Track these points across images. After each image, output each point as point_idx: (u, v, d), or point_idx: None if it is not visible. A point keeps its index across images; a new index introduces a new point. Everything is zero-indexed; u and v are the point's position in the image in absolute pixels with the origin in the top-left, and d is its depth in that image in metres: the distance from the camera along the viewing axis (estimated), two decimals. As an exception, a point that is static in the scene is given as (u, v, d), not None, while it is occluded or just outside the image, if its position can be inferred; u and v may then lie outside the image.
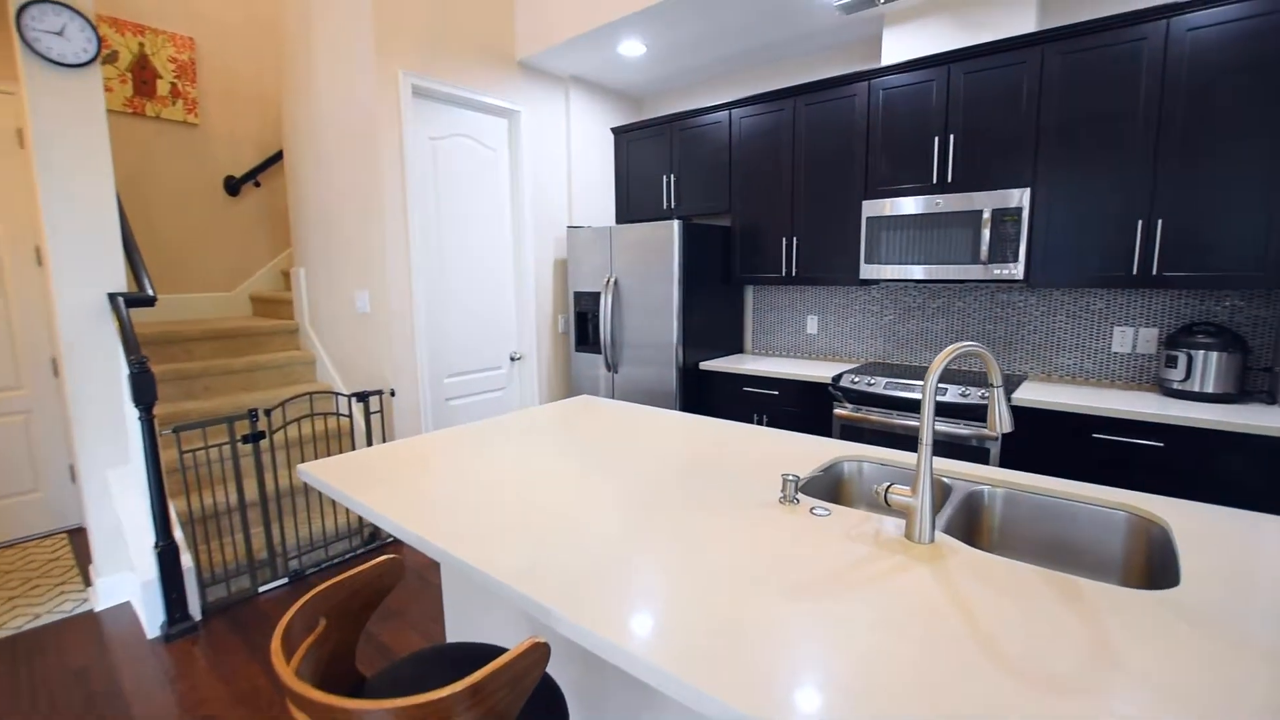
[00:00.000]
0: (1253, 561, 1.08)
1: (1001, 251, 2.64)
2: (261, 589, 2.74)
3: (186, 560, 2.50)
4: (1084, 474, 2.38)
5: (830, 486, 1.67)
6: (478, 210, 3.54)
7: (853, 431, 2.90)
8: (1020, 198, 2.58)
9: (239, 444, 2.90)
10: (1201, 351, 2.34)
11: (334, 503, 3.15)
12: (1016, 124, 2.63)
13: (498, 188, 3.64)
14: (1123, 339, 2.72)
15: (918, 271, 2.87)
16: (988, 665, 0.81)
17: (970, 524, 1.47)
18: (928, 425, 1.15)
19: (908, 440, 2.74)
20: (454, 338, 3.48)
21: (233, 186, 4.29)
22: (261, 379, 3.44)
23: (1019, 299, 2.96)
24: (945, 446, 2.64)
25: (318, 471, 1.61)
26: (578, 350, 3.88)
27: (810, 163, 3.25)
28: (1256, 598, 0.96)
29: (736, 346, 3.93)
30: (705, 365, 3.50)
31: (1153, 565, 1.27)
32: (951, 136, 2.79)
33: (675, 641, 0.86)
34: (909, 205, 2.87)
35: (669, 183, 3.85)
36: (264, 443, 3.03)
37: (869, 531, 1.22)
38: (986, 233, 2.66)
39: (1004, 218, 2.62)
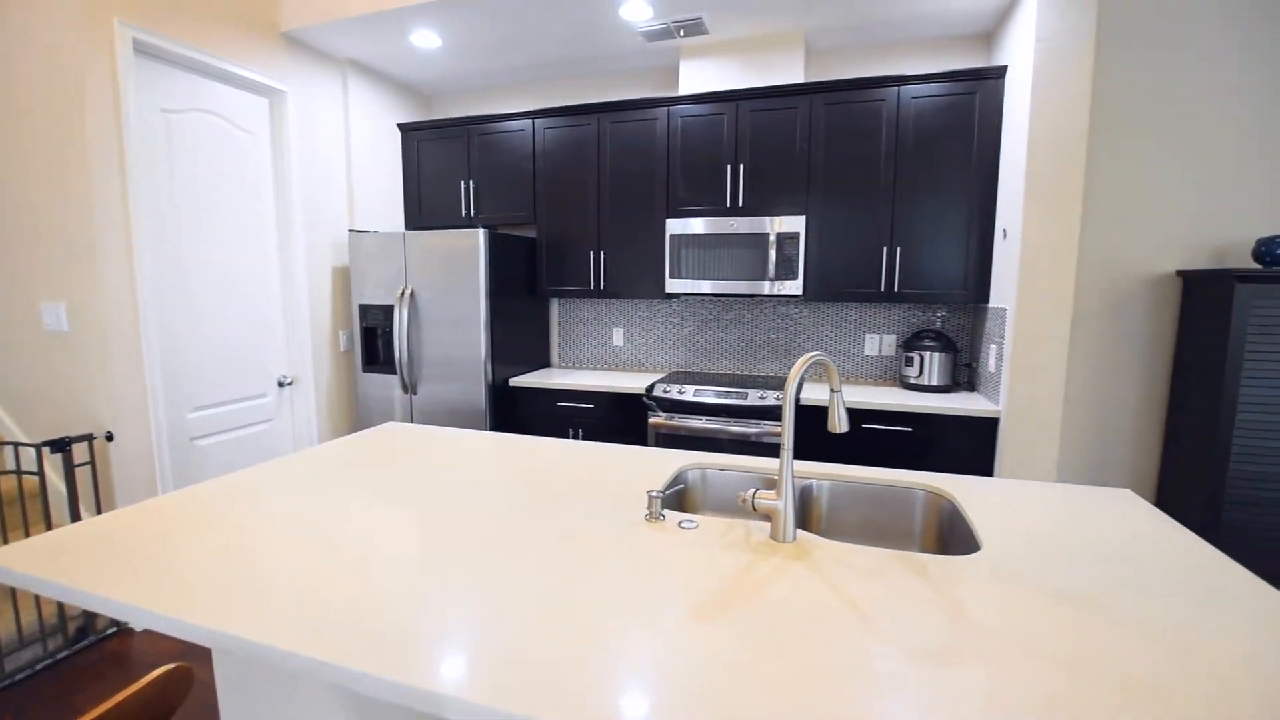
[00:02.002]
0: (1027, 520, 1.34)
1: (784, 270, 3.00)
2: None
3: None
4: (859, 458, 2.80)
5: (679, 496, 1.69)
6: (230, 204, 2.92)
7: (668, 439, 3.03)
8: (798, 224, 2.96)
9: None
10: (928, 353, 2.92)
11: (12, 595, 2.29)
12: (793, 159, 3.01)
13: (258, 179, 3.05)
14: (873, 344, 3.28)
15: (716, 286, 3.11)
16: (883, 645, 0.86)
17: (805, 515, 1.61)
18: (789, 431, 1.22)
19: (717, 443, 2.94)
20: (201, 362, 2.81)
21: None
22: None
23: (796, 311, 3.40)
24: (740, 445, 2.89)
25: (10, 561, 1.13)
26: (366, 370, 3.43)
27: (616, 179, 3.33)
28: (1041, 549, 1.20)
29: (544, 361, 3.85)
30: (516, 381, 3.36)
31: (943, 533, 1.51)
32: (741, 165, 3.09)
33: (602, 698, 0.76)
34: (706, 225, 3.10)
35: (468, 189, 3.63)
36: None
37: (739, 538, 1.25)
38: (772, 253, 3.00)
39: (786, 240, 2.98)
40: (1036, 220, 2.47)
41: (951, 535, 1.46)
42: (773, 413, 2.85)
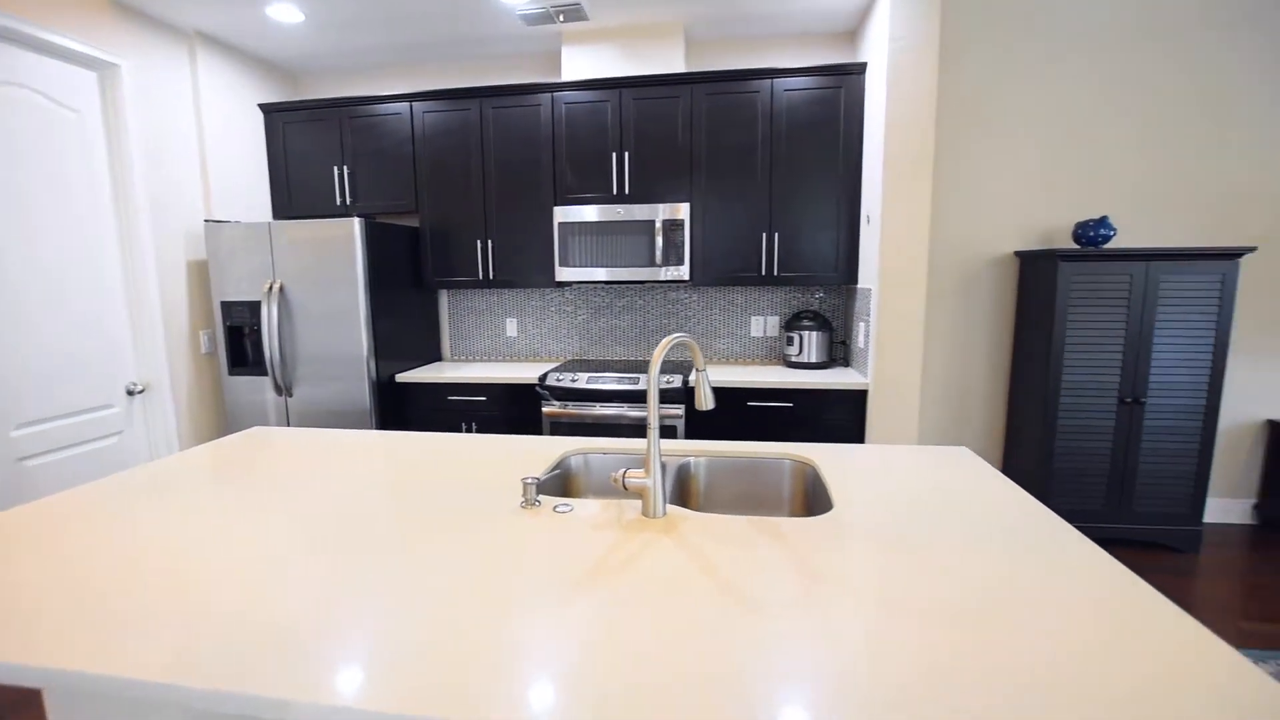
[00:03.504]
0: (876, 480, 1.46)
1: (671, 256, 3.06)
2: None
3: None
4: (747, 434, 2.93)
5: (562, 482, 1.70)
6: (55, 192, 2.58)
7: (563, 427, 3.02)
8: (683, 210, 3.03)
9: None
10: (807, 332, 3.10)
11: None
12: (676, 148, 3.08)
13: (89, 164, 2.71)
14: (758, 325, 3.43)
15: (605, 274, 3.13)
16: (740, 608, 0.92)
17: (683, 492, 1.67)
18: (654, 411, 1.26)
19: (615, 428, 2.98)
20: (26, 371, 2.47)
21: None
22: None
23: (685, 296, 3.49)
24: (639, 429, 2.95)
25: None
26: (233, 373, 3.16)
27: (502, 166, 3.26)
28: (882, 505, 1.31)
29: (434, 354, 3.72)
30: (403, 377, 3.22)
31: (809, 497, 1.63)
32: (627, 154, 3.11)
33: (457, 688, 0.76)
34: (595, 213, 3.11)
35: (342, 175, 3.42)
36: None
37: (612, 518, 1.27)
38: (659, 240, 3.05)
39: (672, 227, 3.05)
40: (894, 207, 2.68)
41: (815, 499, 1.57)
42: (669, 395, 2.92)
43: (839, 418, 2.86)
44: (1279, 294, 3.09)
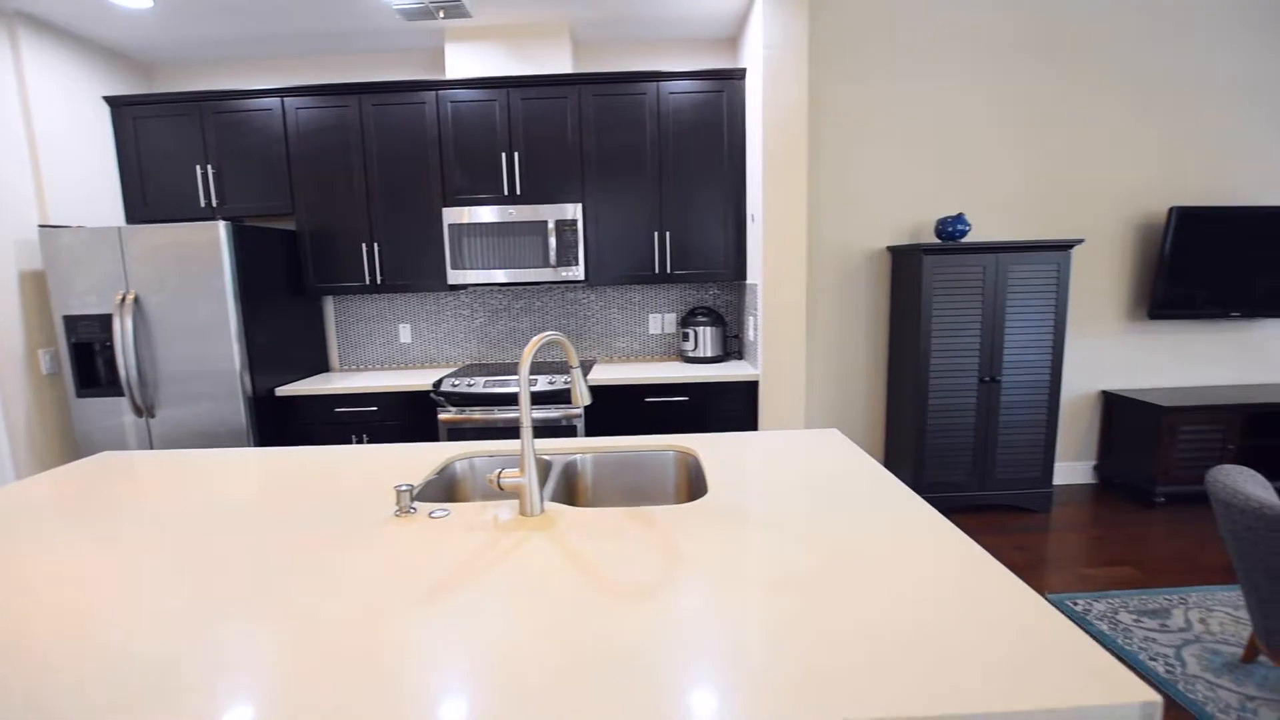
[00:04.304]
0: (751, 464, 1.54)
1: (566, 256, 3.07)
2: None
3: None
4: (646, 429, 2.98)
5: (447, 488, 1.66)
6: None
7: (460, 433, 2.95)
8: (575, 211, 3.04)
9: None
10: (701, 328, 3.20)
11: None
12: (566, 148, 3.08)
13: (-118, 161, 2.35)
14: (656, 323, 3.50)
15: (500, 275, 3.09)
16: (602, 596, 0.94)
17: (571, 489, 1.68)
18: (526, 410, 1.26)
19: (513, 432, 2.94)
20: None
21: None
22: None
23: (583, 296, 3.50)
24: (544, 430, 2.93)
25: None
26: (83, 395, 2.84)
27: (386, 166, 3.13)
28: (753, 487, 1.38)
29: (321, 365, 3.52)
30: (284, 390, 3.02)
31: (692, 485, 1.68)
32: (517, 154, 3.08)
33: (329, 710, 0.73)
34: (486, 214, 3.05)
35: (206, 175, 3.16)
36: None
37: (488, 519, 1.26)
38: (552, 240, 3.05)
39: (564, 228, 3.05)
40: (774, 206, 2.82)
41: (698, 487, 1.63)
42: (563, 396, 2.92)
43: (733, 408, 2.97)
44: (1101, 279, 3.53)
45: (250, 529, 1.25)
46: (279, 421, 3.03)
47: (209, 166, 3.15)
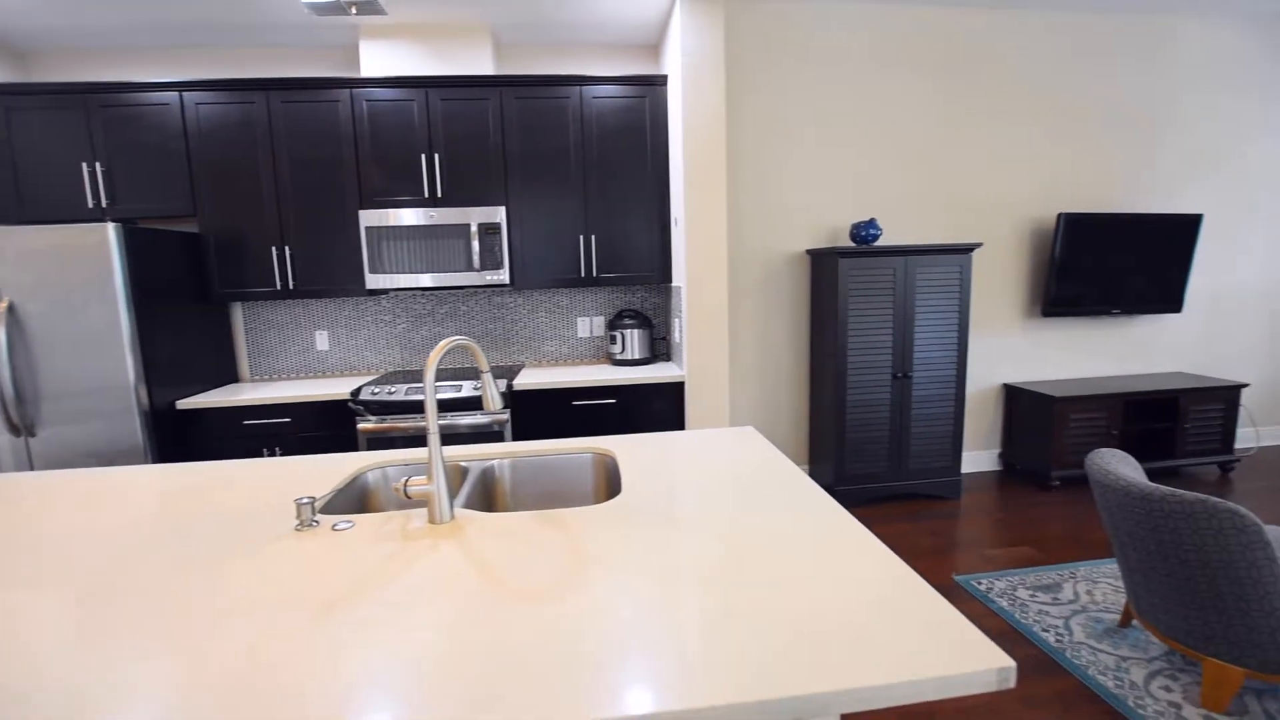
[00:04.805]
0: (667, 464, 1.56)
1: (490, 260, 3.03)
2: None
3: None
4: (575, 433, 2.97)
5: (359, 499, 1.61)
6: None
7: (382, 442, 2.86)
8: (499, 214, 3.01)
9: None
10: (629, 330, 3.23)
11: None
12: (489, 151, 3.04)
13: None
14: (584, 326, 3.51)
15: (422, 280, 3.01)
16: (503, 599, 0.93)
17: (488, 495, 1.66)
18: (432, 417, 1.24)
19: (446, 439, 2.86)
20: None
21: None
22: None
23: (509, 300, 3.46)
24: (472, 436, 2.88)
25: None
26: (-51, 412, 2.58)
27: (297, 167, 3.00)
28: (665, 485, 1.40)
29: (229, 375, 3.32)
30: (187, 403, 2.84)
31: (611, 486, 1.69)
32: (437, 156, 3.02)
33: (155, 730, 0.69)
34: (407, 217, 2.97)
35: (94, 173, 2.93)
36: None
37: (395, 529, 1.23)
38: (476, 244, 3.00)
39: (488, 231, 3.01)
40: (695, 210, 2.88)
41: (615, 487, 1.64)
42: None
43: (660, 409, 3.01)
44: (1000, 280, 3.79)
45: (139, 551, 1.17)
46: (182, 437, 2.84)
47: (97, 164, 2.93)
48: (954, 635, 0.82)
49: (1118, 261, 3.75)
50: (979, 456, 3.93)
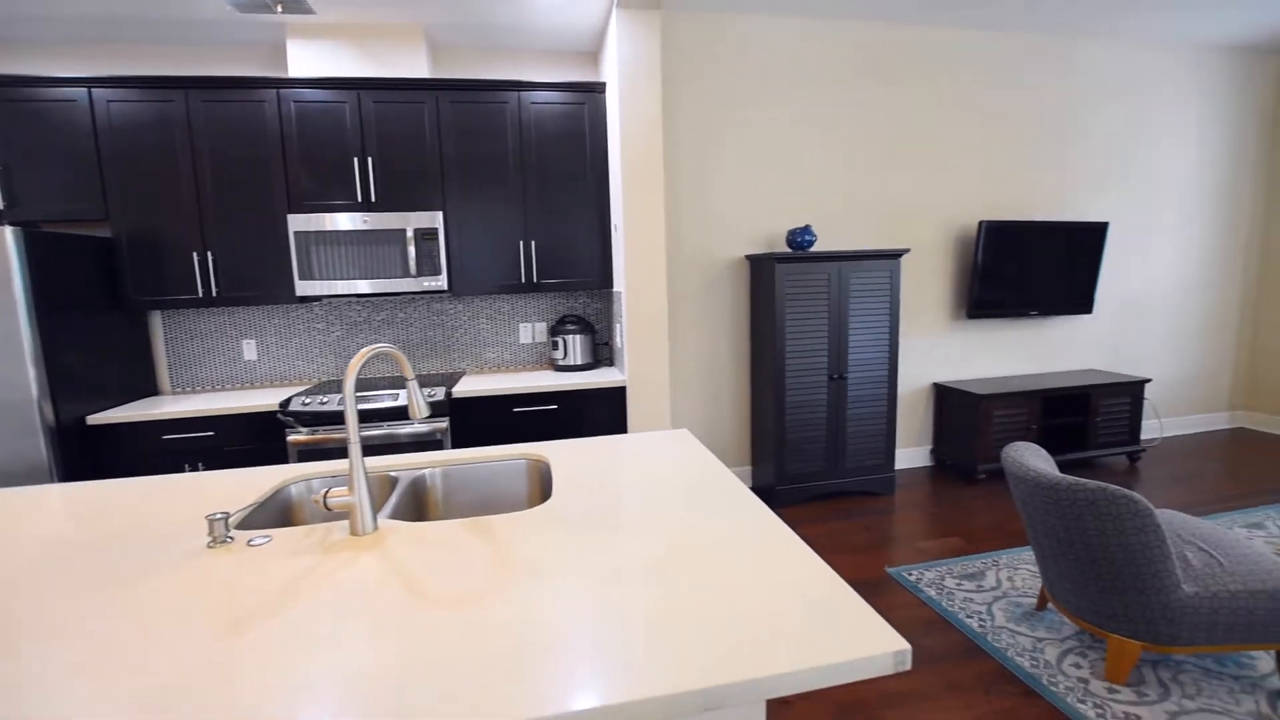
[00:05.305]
0: (600, 467, 1.57)
1: (427, 266, 2.97)
2: None
3: None
4: (514, 439, 2.95)
5: (281, 513, 1.55)
6: None
7: (314, 455, 2.76)
8: (436, 219, 2.96)
9: None
10: (571, 336, 3.23)
11: None
12: (425, 155, 2.99)
13: None
14: (526, 332, 3.48)
15: (357, 286, 2.93)
16: (424, 607, 0.92)
17: (419, 505, 1.63)
18: (353, 426, 1.21)
19: (377, 450, 2.79)
20: None
21: None
22: None
23: (449, 307, 3.41)
24: (412, 445, 2.82)
25: None
26: None
27: (220, 169, 2.87)
28: (597, 489, 1.41)
29: (148, 388, 3.14)
30: (98, 419, 2.67)
31: (545, 491, 1.69)
32: (370, 159, 2.95)
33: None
34: (339, 221, 2.89)
35: (-10, 174, 2.73)
36: None
37: (314, 542, 1.20)
38: (412, 249, 2.94)
39: (425, 236, 2.95)
40: (634, 216, 2.91)
41: (549, 492, 1.64)
42: (432, 410, 2.81)
43: (602, 414, 3.02)
44: (929, 285, 3.98)
45: (37, 575, 1.09)
46: (93, 454, 2.67)
47: (-6, 164, 2.73)
48: (860, 623, 0.86)
49: (1035, 266, 3.99)
50: (912, 453, 4.10)
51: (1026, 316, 4.14)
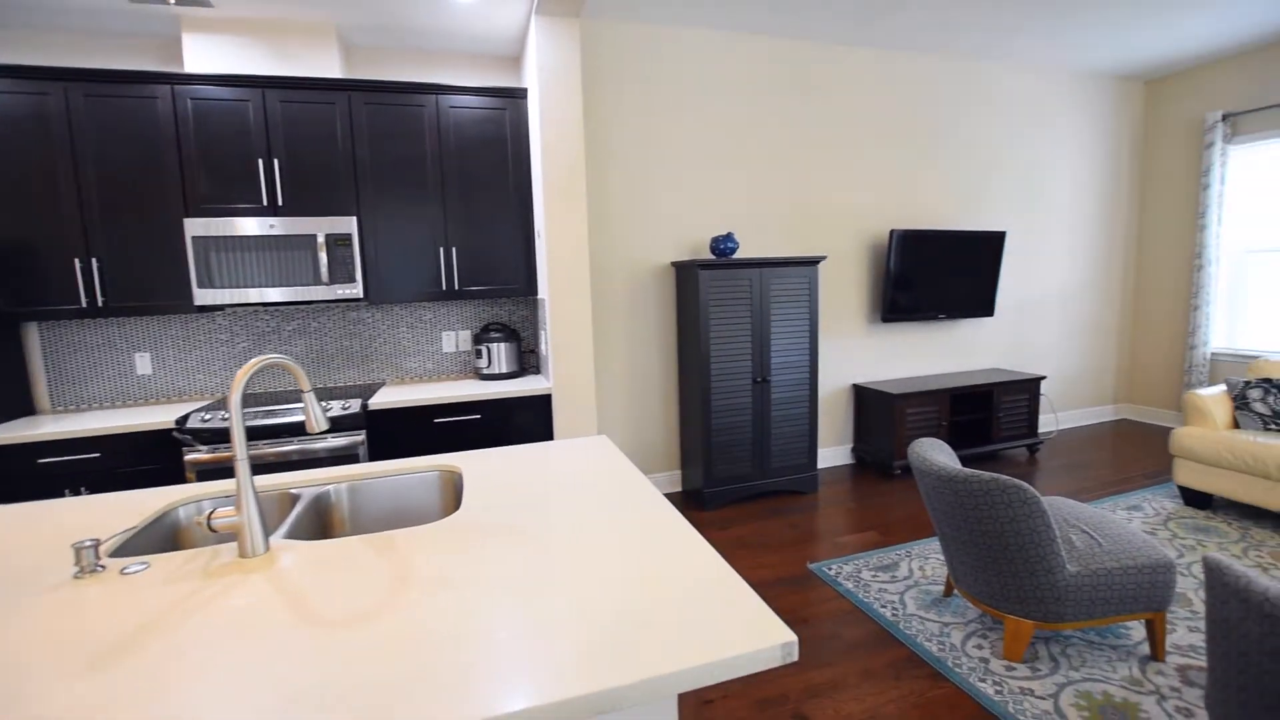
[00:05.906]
0: (514, 477, 1.55)
1: (341, 273, 2.85)
2: None
3: None
4: (435, 450, 2.86)
5: (167, 538, 1.45)
6: None
7: (215, 474, 2.59)
8: (349, 224, 2.85)
9: None
10: (495, 344, 3.17)
11: None
12: (337, 158, 2.87)
13: None
14: (449, 341, 3.40)
15: (267, 294, 2.78)
16: (311, 629, 0.88)
17: (322, 522, 1.55)
18: (240, 440, 1.15)
19: (287, 468, 2.65)
20: None
21: None
22: None
23: (366, 315, 3.28)
24: (331, 459, 2.69)
25: None
26: None
27: (106, 169, 2.66)
28: (507, 498, 1.39)
29: (23, 407, 2.86)
30: (-38, 441, 2.41)
31: (458, 502, 1.65)
32: (276, 161, 2.80)
33: None
34: (243, 226, 2.73)
35: None
36: None
37: (197, 567, 1.12)
38: (324, 256, 2.82)
39: (337, 242, 2.84)
40: (555, 223, 2.90)
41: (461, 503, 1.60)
42: (347, 422, 2.70)
43: (528, 422, 2.98)
44: (845, 290, 4.16)
45: None
46: (-47, 482, 2.40)
47: None
48: (754, 619, 0.88)
49: (942, 272, 4.24)
50: (834, 452, 4.27)
51: (935, 320, 4.39)
